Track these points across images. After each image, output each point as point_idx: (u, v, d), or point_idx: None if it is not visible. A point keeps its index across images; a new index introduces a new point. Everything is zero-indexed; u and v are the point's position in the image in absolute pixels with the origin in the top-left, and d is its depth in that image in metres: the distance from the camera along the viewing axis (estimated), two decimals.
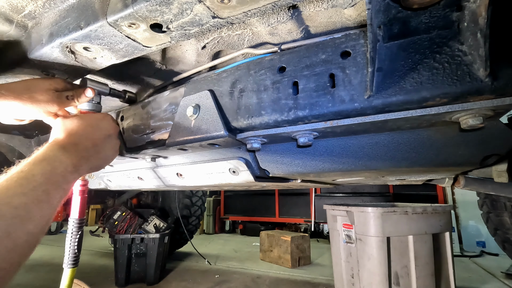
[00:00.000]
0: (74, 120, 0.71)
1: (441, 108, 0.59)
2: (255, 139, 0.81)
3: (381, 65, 0.62)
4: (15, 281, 3.01)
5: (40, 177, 0.54)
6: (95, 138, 0.71)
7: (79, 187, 0.78)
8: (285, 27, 0.77)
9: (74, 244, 0.75)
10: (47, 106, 0.72)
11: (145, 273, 2.98)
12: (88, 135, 0.69)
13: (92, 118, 0.74)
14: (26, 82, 0.73)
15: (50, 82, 0.74)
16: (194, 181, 1.19)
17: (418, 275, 1.89)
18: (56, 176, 0.57)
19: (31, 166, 0.55)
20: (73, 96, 0.76)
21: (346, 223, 2.15)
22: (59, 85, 0.76)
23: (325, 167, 0.90)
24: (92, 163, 0.69)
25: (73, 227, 0.75)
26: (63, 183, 0.58)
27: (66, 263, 0.74)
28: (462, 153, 0.76)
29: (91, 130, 0.71)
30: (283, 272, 3.41)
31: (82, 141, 0.67)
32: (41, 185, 0.53)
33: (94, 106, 0.84)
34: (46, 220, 0.53)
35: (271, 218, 6.22)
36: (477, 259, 3.96)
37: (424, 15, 0.59)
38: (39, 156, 0.59)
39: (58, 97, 0.74)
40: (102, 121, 0.75)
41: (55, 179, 0.56)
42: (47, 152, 0.60)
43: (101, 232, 5.42)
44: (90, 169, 0.69)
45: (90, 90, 0.79)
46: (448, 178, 1.30)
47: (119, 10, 0.60)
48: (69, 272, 0.73)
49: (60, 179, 0.57)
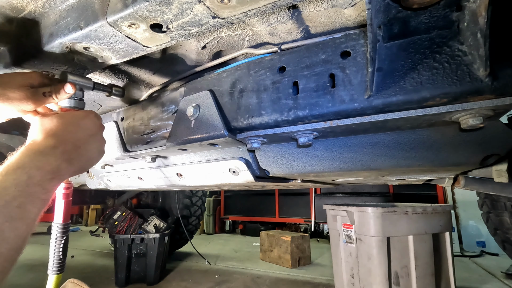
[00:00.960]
0: (53, 119, 0.63)
1: (441, 108, 0.59)
2: (255, 139, 0.81)
3: (381, 65, 0.62)
4: (15, 281, 3.02)
5: (13, 190, 0.47)
6: (76, 138, 0.63)
7: (62, 190, 0.73)
8: (285, 27, 0.77)
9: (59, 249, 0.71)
10: (20, 104, 0.65)
11: (145, 273, 2.98)
12: (69, 135, 0.62)
13: (73, 116, 0.66)
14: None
15: (24, 77, 0.67)
16: (194, 181, 1.19)
17: (418, 275, 1.89)
18: (33, 186, 0.50)
19: (3, 177, 0.49)
20: (50, 93, 0.69)
21: (346, 223, 2.15)
22: (35, 81, 0.69)
23: (325, 167, 0.90)
24: (75, 166, 0.62)
25: (57, 232, 0.71)
26: (41, 193, 0.51)
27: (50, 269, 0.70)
28: (462, 153, 0.76)
29: (72, 129, 0.64)
30: (283, 272, 3.41)
31: (62, 143, 0.60)
32: (15, 199, 0.47)
33: (76, 103, 0.77)
34: (23, 238, 0.47)
35: (271, 218, 6.22)
36: (477, 259, 3.96)
37: (424, 15, 0.59)
38: (12, 163, 0.52)
39: (34, 94, 0.66)
40: (84, 119, 0.67)
41: (31, 191, 0.50)
42: (22, 158, 0.53)
43: (101, 232, 5.42)
44: (73, 173, 0.62)
45: (70, 86, 0.71)
46: (448, 178, 1.30)
47: (119, 10, 0.60)
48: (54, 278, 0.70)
49: (37, 189, 0.51)
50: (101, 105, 1.24)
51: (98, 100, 1.19)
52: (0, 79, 0.65)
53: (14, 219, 0.46)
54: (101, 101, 1.20)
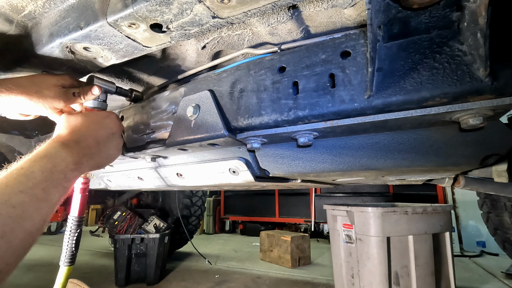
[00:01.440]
0: (78, 117, 0.70)
1: (441, 108, 0.59)
2: (255, 139, 0.81)
3: (381, 65, 0.62)
4: (15, 281, 3.02)
5: (39, 175, 0.53)
6: (98, 136, 0.70)
7: (80, 185, 0.77)
8: (285, 27, 0.77)
9: (72, 242, 0.74)
10: (53, 102, 0.72)
11: (145, 273, 2.98)
12: (91, 132, 0.69)
13: (96, 115, 0.74)
14: (33, 77, 0.72)
15: (57, 78, 0.74)
16: (194, 181, 1.19)
17: (418, 275, 1.89)
18: (57, 173, 0.56)
19: (31, 162, 0.54)
20: (79, 93, 0.76)
21: (346, 223, 2.15)
22: (66, 82, 0.76)
23: (325, 167, 0.90)
24: (94, 161, 0.68)
25: (72, 225, 0.74)
26: (64, 181, 0.57)
27: (62, 261, 0.73)
28: (462, 153, 0.76)
29: (95, 127, 0.70)
30: (283, 272, 3.41)
31: (85, 139, 0.66)
32: (40, 182, 0.52)
33: (100, 104, 0.84)
34: (44, 218, 0.52)
35: (271, 218, 6.22)
36: (477, 259, 3.96)
37: (424, 15, 0.59)
38: (40, 152, 0.58)
39: (65, 93, 0.73)
40: (106, 119, 0.75)
41: (55, 177, 0.55)
42: (48, 148, 0.59)
43: (101, 232, 5.42)
44: (92, 167, 0.68)
45: (96, 88, 0.79)
46: (448, 178, 1.30)
47: (119, 10, 0.60)
48: (65, 270, 0.72)
49: (60, 176, 0.56)
50: None
51: None
52: (35, 79, 0.71)
53: (39, 199, 0.51)
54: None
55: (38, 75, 0.74)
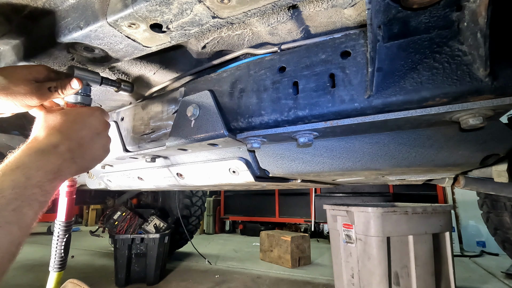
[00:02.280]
0: (57, 116, 0.61)
1: (441, 108, 0.59)
2: (255, 139, 0.81)
3: (381, 65, 0.62)
4: (15, 281, 3.01)
5: (9, 192, 0.45)
6: (80, 137, 0.61)
7: (66, 187, 0.71)
8: (285, 27, 0.77)
9: (61, 247, 0.70)
10: (24, 99, 0.61)
11: (145, 273, 2.98)
12: (72, 133, 0.60)
13: (78, 113, 0.64)
14: (2, 70, 0.62)
15: (29, 71, 0.64)
16: (194, 181, 1.19)
17: (418, 275, 1.89)
18: (31, 188, 0.48)
19: (0, 177, 0.46)
20: (56, 88, 0.66)
21: (346, 223, 2.15)
22: (41, 74, 0.65)
23: (325, 167, 0.90)
24: (78, 166, 0.60)
25: (59, 230, 0.70)
26: (40, 195, 0.49)
27: (52, 267, 0.70)
28: (462, 153, 0.76)
29: (77, 127, 0.61)
30: (283, 272, 3.41)
31: (65, 141, 0.57)
32: (10, 202, 0.44)
33: (83, 99, 0.74)
34: (16, 244, 0.44)
35: (271, 218, 6.22)
36: (477, 259, 3.96)
37: (424, 15, 0.59)
38: (11, 163, 0.49)
39: (38, 88, 0.63)
40: (89, 117, 0.65)
41: (29, 193, 0.47)
42: (21, 157, 0.50)
43: (101, 232, 5.42)
44: (75, 172, 0.60)
45: (76, 81, 0.68)
46: (448, 178, 1.30)
47: (119, 10, 0.60)
48: (55, 275, 0.70)
49: (36, 191, 0.48)
50: (101, 105, 1.24)
51: (98, 100, 1.19)
52: (3, 72, 0.61)
53: (8, 223, 0.43)
54: (101, 101, 1.20)
55: (7, 68, 0.63)
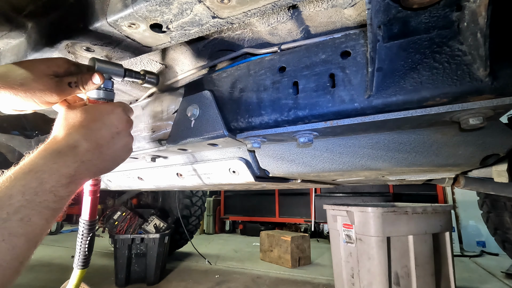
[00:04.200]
0: (77, 114, 0.58)
1: (441, 108, 0.59)
2: (255, 139, 0.81)
3: (381, 65, 0.62)
4: (15, 281, 3.01)
5: (18, 200, 0.41)
6: (99, 137, 0.57)
7: (89, 187, 0.69)
8: (285, 27, 0.77)
9: (85, 246, 0.70)
10: (44, 96, 0.57)
11: (145, 273, 2.98)
12: (91, 133, 0.56)
13: (98, 110, 0.60)
14: (21, 64, 0.58)
15: (48, 65, 0.60)
16: (194, 181, 1.19)
17: (418, 275, 1.89)
18: (43, 194, 0.44)
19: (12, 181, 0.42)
20: (77, 83, 0.61)
21: (346, 223, 2.15)
22: (60, 68, 0.61)
23: (325, 167, 0.90)
24: (97, 168, 0.56)
25: (83, 229, 0.69)
26: (53, 202, 0.45)
27: (76, 264, 0.71)
28: (462, 153, 0.76)
29: (96, 126, 0.57)
30: (283, 272, 3.41)
31: (83, 142, 0.54)
32: (18, 211, 0.40)
33: (105, 94, 0.70)
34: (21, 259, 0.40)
35: (271, 218, 6.22)
36: (477, 259, 3.96)
37: (424, 15, 0.59)
38: (25, 165, 0.46)
39: (58, 84, 0.59)
40: (110, 115, 0.60)
41: (40, 199, 0.43)
42: (36, 159, 0.47)
43: (101, 232, 5.41)
44: (95, 174, 0.57)
45: (97, 76, 0.64)
46: (448, 178, 1.30)
47: (119, 10, 0.60)
48: (79, 272, 0.71)
49: (48, 197, 0.44)
50: None
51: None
52: (22, 67, 0.57)
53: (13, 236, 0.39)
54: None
55: (25, 62, 0.59)
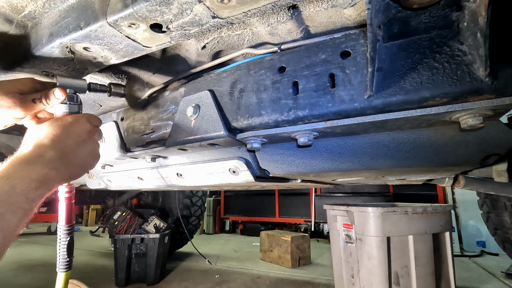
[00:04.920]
0: (42, 127, 0.63)
1: (441, 108, 0.59)
2: (255, 139, 0.81)
3: (381, 65, 0.62)
4: (15, 281, 3.01)
5: None
6: (64, 145, 0.62)
7: (64, 194, 0.74)
8: (285, 27, 0.77)
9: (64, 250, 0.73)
10: (10, 111, 0.64)
11: (145, 273, 2.98)
12: (56, 143, 0.62)
13: (61, 122, 0.65)
14: None
15: (14, 84, 0.66)
16: (194, 181, 1.19)
17: (418, 275, 1.89)
18: (15, 196, 0.51)
19: None
20: (40, 99, 0.68)
21: (346, 223, 2.15)
22: (25, 86, 0.68)
23: (325, 167, 0.90)
24: (65, 173, 0.62)
25: (61, 234, 0.73)
26: (24, 203, 0.52)
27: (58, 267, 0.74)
28: (462, 153, 0.76)
29: (59, 137, 0.63)
30: (283, 272, 3.41)
31: (49, 151, 0.60)
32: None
33: (69, 108, 0.74)
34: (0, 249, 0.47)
35: (271, 218, 6.22)
36: (477, 259, 3.96)
37: (424, 15, 0.59)
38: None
39: (23, 100, 0.65)
40: (73, 125, 0.66)
41: (13, 200, 0.50)
42: (7, 168, 0.54)
43: (101, 232, 5.41)
44: (64, 179, 0.62)
45: (59, 91, 0.69)
46: (448, 178, 1.30)
47: (119, 10, 0.60)
48: (63, 275, 0.73)
49: (20, 199, 0.51)
50: (101, 105, 1.24)
51: (98, 100, 1.19)
52: None
53: None
54: (101, 101, 1.20)
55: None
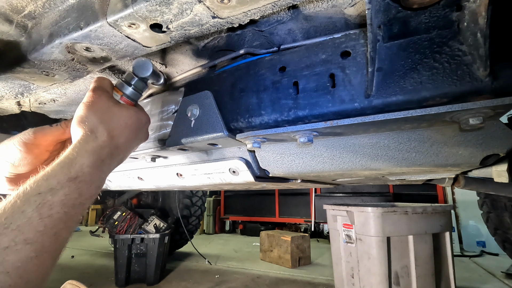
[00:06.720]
0: (122, 112, 0.63)
1: (441, 108, 0.59)
2: (255, 139, 0.81)
3: (381, 65, 0.62)
4: None
5: (58, 210, 0.36)
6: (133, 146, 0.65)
7: None
8: (285, 27, 0.77)
9: None
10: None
11: (145, 273, 2.98)
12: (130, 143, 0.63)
13: (140, 119, 0.67)
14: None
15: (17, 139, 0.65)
16: (194, 181, 1.19)
17: (418, 275, 1.89)
18: (79, 206, 0.40)
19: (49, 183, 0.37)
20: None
21: (346, 223, 2.15)
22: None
23: (325, 167, 0.90)
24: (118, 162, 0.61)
25: None
26: (84, 209, 0.42)
27: None
28: (462, 153, 0.76)
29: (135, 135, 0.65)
30: (283, 272, 3.41)
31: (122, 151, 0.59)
32: (55, 224, 0.35)
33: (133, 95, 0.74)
34: (42, 276, 0.35)
35: (271, 218, 6.22)
36: (477, 259, 3.96)
37: (424, 15, 0.59)
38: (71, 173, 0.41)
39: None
40: (146, 125, 0.70)
41: (76, 212, 0.39)
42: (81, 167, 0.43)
43: (101, 232, 5.41)
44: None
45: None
46: (448, 178, 1.30)
47: (119, 10, 0.60)
48: None
49: (85, 206, 0.42)
50: None
51: None
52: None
53: (43, 252, 0.33)
54: None
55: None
